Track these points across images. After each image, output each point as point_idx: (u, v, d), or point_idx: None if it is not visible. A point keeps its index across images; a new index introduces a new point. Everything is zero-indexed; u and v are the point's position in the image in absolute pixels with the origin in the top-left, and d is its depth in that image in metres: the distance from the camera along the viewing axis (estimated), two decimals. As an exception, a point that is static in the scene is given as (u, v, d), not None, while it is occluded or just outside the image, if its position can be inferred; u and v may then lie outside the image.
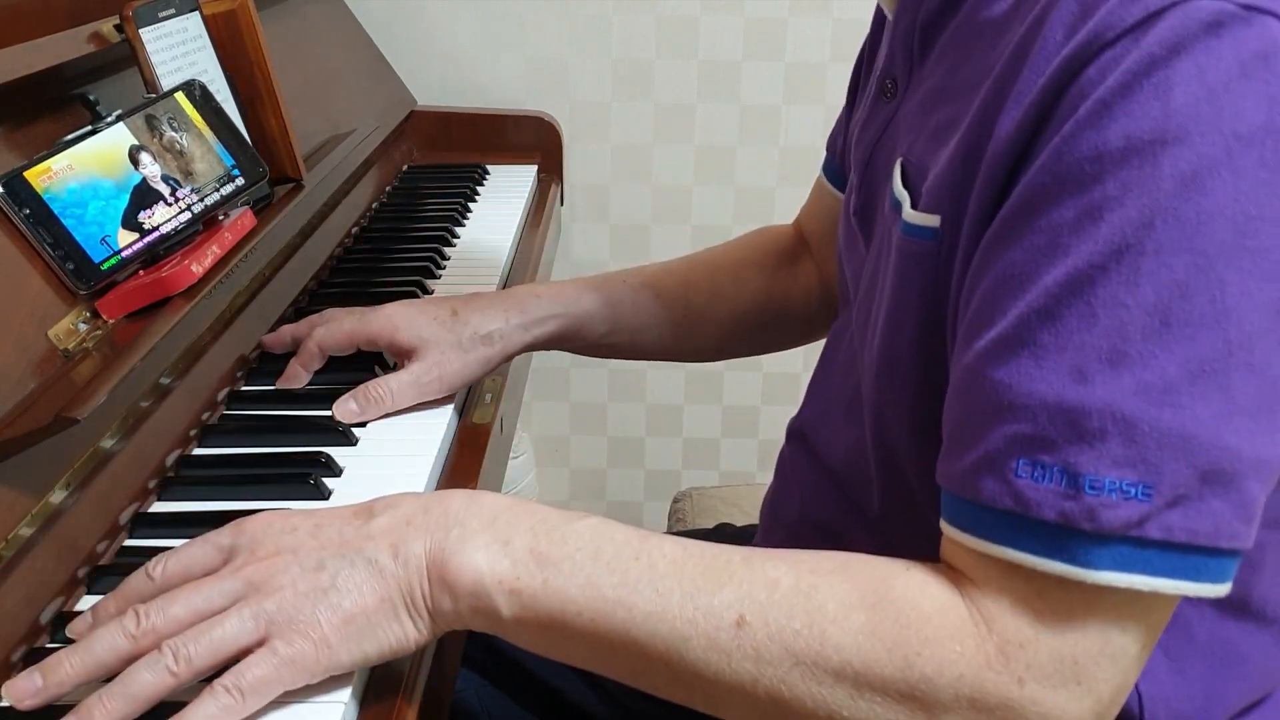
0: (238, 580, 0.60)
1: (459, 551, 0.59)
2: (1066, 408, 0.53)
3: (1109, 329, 0.53)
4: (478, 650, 0.96)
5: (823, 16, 1.77)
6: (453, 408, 0.92)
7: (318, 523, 0.62)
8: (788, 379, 1.97)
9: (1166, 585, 0.53)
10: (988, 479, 0.55)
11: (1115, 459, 0.52)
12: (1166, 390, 0.52)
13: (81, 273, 0.78)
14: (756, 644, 0.56)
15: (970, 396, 0.57)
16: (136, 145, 0.87)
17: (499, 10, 1.77)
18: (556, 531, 0.60)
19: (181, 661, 0.56)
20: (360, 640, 0.59)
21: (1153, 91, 0.52)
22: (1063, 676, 0.54)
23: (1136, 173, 0.52)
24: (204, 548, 0.63)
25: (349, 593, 0.59)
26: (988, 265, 0.58)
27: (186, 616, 0.58)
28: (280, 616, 0.58)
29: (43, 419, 0.67)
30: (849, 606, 0.57)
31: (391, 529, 0.61)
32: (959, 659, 0.55)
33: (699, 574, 0.58)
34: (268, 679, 0.57)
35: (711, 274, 1.04)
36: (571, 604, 0.59)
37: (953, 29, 0.68)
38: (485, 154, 1.66)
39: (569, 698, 0.96)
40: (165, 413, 0.83)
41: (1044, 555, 0.54)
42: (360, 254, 1.26)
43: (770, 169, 1.85)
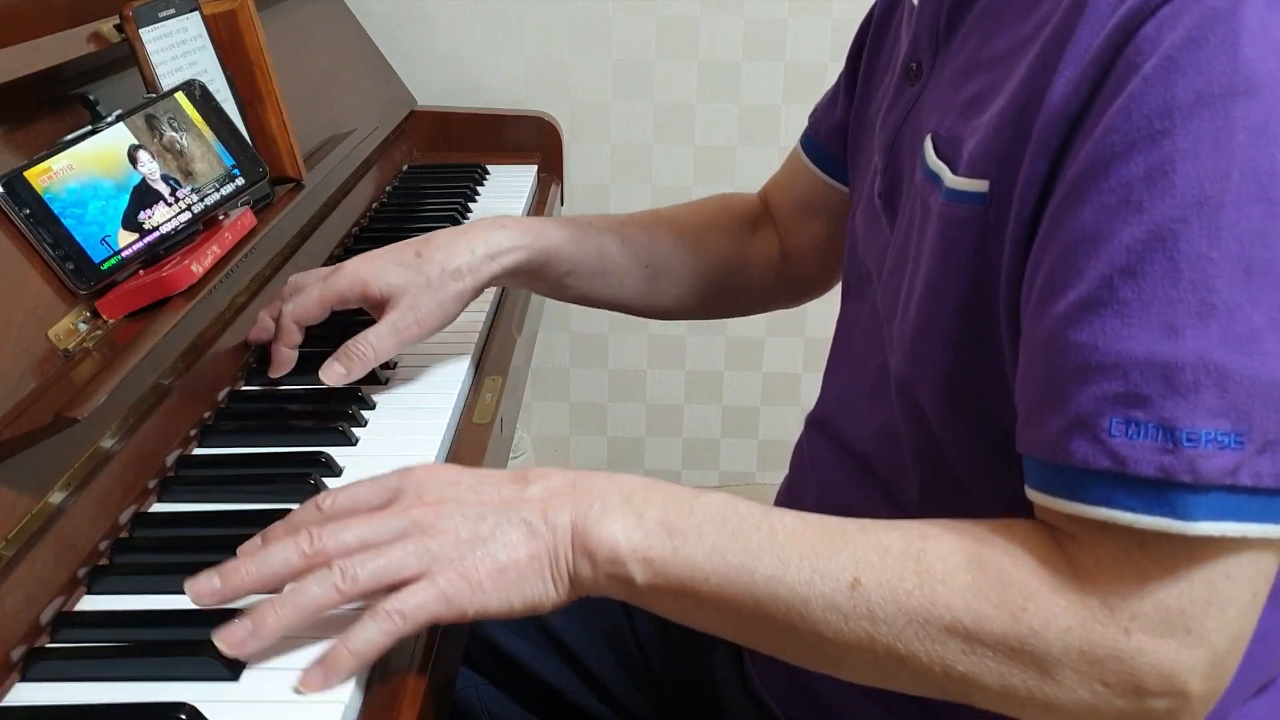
0: (405, 519, 0.64)
1: (599, 523, 0.64)
2: (1159, 363, 0.53)
3: (1194, 282, 0.53)
4: (478, 649, 0.96)
5: (823, 16, 1.77)
6: (453, 407, 0.92)
7: (478, 480, 0.67)
8: (788, 379, 1.97)
9: (1257, 530, 0.54)
10: (1080, 440, 0.56)
11: (1211, 410, 0.53)
12: (1254, 338, 0.53)
13: (81, 273, 0.78)
14: (871, 604, 0.59)
15: (1052, 361, 0.57)
16: (136, 145, 0.87)
17: (499, 10, 1.77)
18: (685, 505, 0.64)
19: (349, 580, 0.61)
20: (508, 590, 0.63)
21: (1219, 46, 0.53)
22: (1170, 626, 0.55)
23: (1209, 125, 0.53)
24: (372, 487, 0.67)
25: (505, 546, 0.63)
26: (1057, 228, 0.58)
27: (355, 544, 0.63)
28: (442, 556, 0.62)
29: (43, 419, 0.67)
30: (956, 567, 0.59)
31: (544, 497, 0.65)
32: (1064, 612, 0.56)
33: (816, 541, 0.61)
34: (426, 607, 0.61)
35: (677, 230, 1.05)
36: (699, 570, 0.62)
37: (977, 11, 0.69)
38: (485, 154, 1.66)
39: (569, 697, 0.96)
40: (165, 413, 0.83)
41: (1143, 512, 0.54)
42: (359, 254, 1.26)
43: (770, 169, 1.83)
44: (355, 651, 0.61)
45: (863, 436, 0.80)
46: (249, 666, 0.63)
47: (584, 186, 1.86)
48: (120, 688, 0.62)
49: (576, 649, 0.97)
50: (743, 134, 1.84)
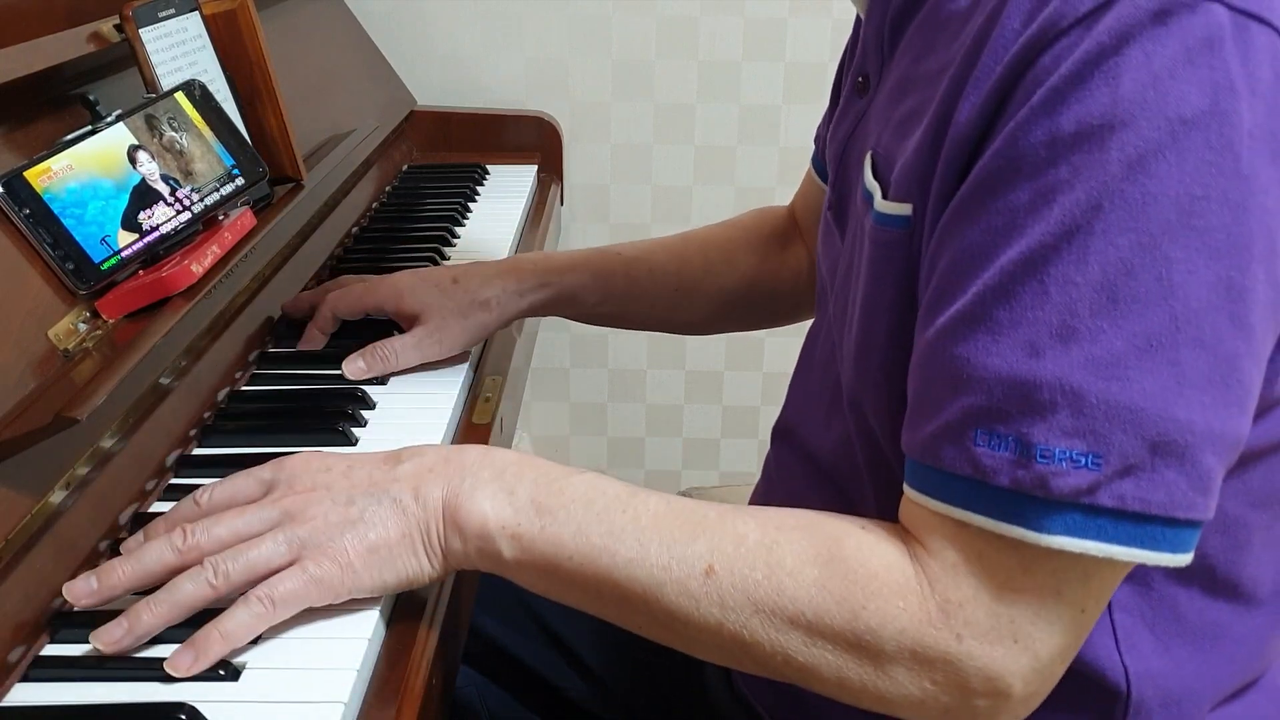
0: (275, 509, 0.66)
1: (470, 498, 0.66)
2: (1019, 381, 0.56)
3: (1060, 306, 0.55)
4: (478, 647, 0.96)
5: (823, 16, 1.77)
6: (453, 407, 0.92)
7: (350, 465, 0.69)
8: (787, 379, 1.97)
9: (1121, 552, 0.56)
10: (948, 447, 0.58)
11: (1065, 429, 0.55)
12: (1114, 364, 0.54)
13: (81, 273, 0.78)
14: (722, 591, 0.62)
15: (931, 370, 0.60)
16: (136, 145, 0.87)
17: (499, 10, 1.77)
18: (556, 484, 0.66)
19: (220, 576, 0.64)
20: (381, 568, 0.66)
21: (1102, 79, 0.54)
22: (999, 634, 0.57)
23: (1086, 157, 0.55)
24: (247, 480, 0.70)
25: (374, 526, 0.66)
26: (947, 244, 0.60)
27: (228, 537, 0.65)
28: (311, 542, 0.65)
29: (43, 419, 0.67)
30: (804, 561, 0.61)
31: (415, 474, 0.67)
32: (901, 614, 0.59)
33: (677, 526, 0.64)
34: (296, 592, 0.64)
35: (705, 252, 1.08)
36: (564, 549, 0.64)
37: (918, 21, 0.70)
38: (485, 154, 1.66)
39: (569, 695, 0.96)
40: (165, 413, 0.83)
41: (999, 519, 0.57)
42: (360, 254, 1.26)
43: (770, 169, 1.85)
44: (225, 633, 0.62)
45: (823, 447, 0.80)
46: (248, 666, 0.63)
47: (584, 186, 1.85)
48: (120, 688, 0.62)
49: (575, 646, 0.97)
50: (743, 134, 1.84)
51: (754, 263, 1.07)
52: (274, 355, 1.00)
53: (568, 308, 1.04)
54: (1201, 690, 0.68)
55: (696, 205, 1.88)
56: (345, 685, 0.61)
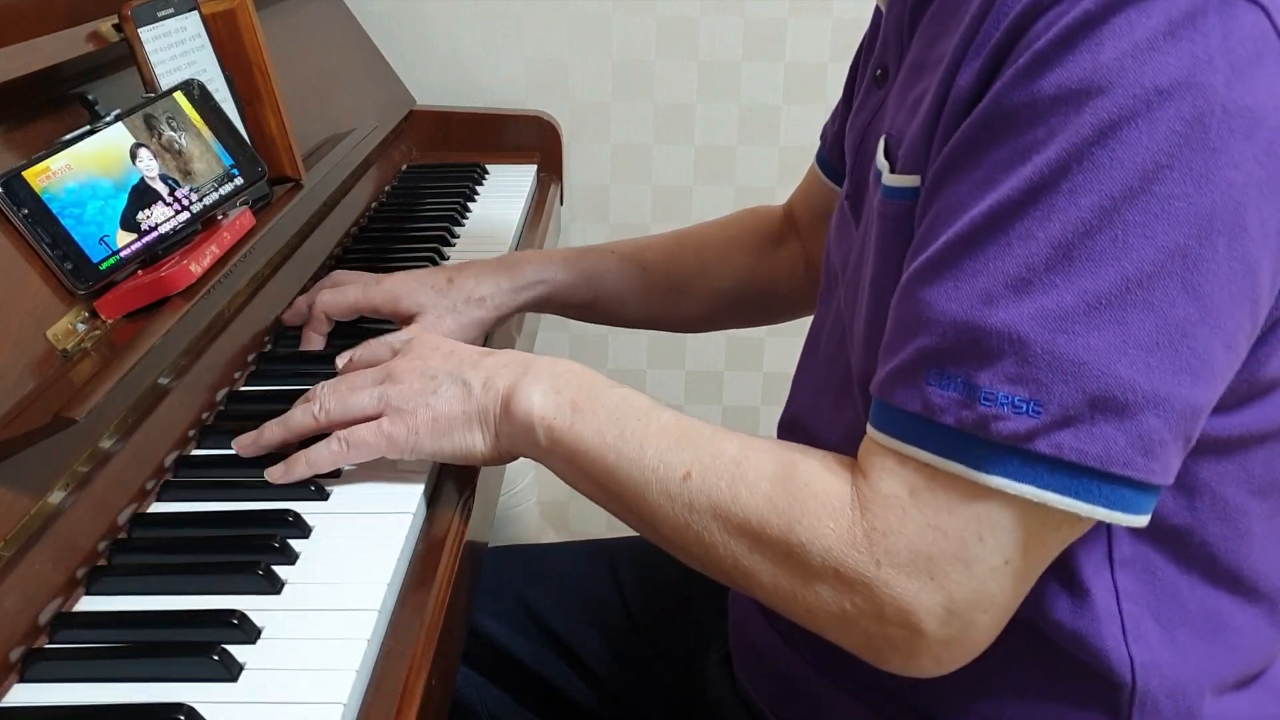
0: (383, 371, 0.80)
1: (524, 390, 0.75)
2: (971, 326, 0.58)
3: (1018, 259, 0.57)
4: (477, 647, 0.96)
5: (823, 16, 1.77)
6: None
7: (453, 348, 0.81)
8: (788, 379, 1.96)
9: (1055, 500, 0.58)
10: (902, 385, 0.61)
11: (1009, 376, 0.57)
12: (1063, 318, 0.56)
13: (80, 272, 0.78)
14: (692, 495, 0.68)
15: (900, 311, 0.63)
16: (135, 145, 0.86)
17: (499, 10, 1.77)
18: (596, 390, 0.75)
19: (323, 412, 0.79)
20: (439, 438, 0.77)
21: (1085, 46, 0.56)
22: (916, 568, 0.60)
23: (1061, 119, 0.57)
24: (381, 346, 0.84)
25: (443, 400, 0.77)
26: (934, 197, 0.63)
27: (344, 389, 0.80)
28: (395, 402, 0.78)
29: (41, 419, 0.67)
30: (763, 476, 0.66)
31: (493, 366, 0.78)
32: (829, 534, 0.63)
33: (676, 437, 0.70)
34: (368, 441, 0.77)
35: (699, 251, 1.09)
36: (582, 444, 0.73)
37: (933, 9, 0.71)
38: (485, 154, 1.66)
39: (568, 695, 0.96)
40: (164, 413, 0.83)
41: (940, 455, 0.60)
42: (359, 253, 1.26)
43: (770, 169, 1.85)
44: (310, 461, 0.78)
45: (833, 436, 0.80)
46: (248, 667, 0.63)
47: (584, 186, 1.85)
48: (119, 688, 0.62)
49: (575, 646, 0.97)
50: (743, 134, 1.84)
51: (748, 262, 1.08)
52: (273, 355, 1.00)
53: (562, 304, 1.05)
54: (1204, 680, 0.68)
55: (696, 205, 1.88)
56: (345, 685, 0.61)
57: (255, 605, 0.67)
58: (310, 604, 0.68)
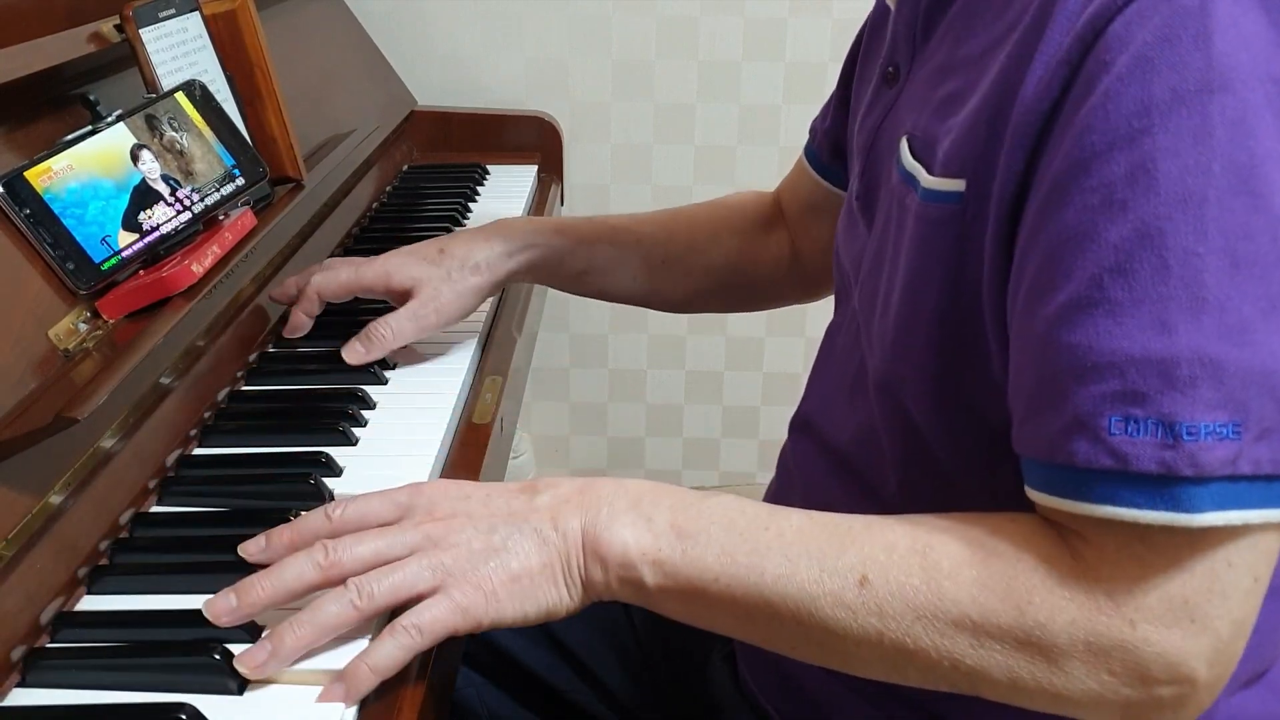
0: (418, 534, 0.65)
1: (609, 528, 0.65)
2: (1155, 359, 0.54)
3: (1184, 277, 0.54)
4: (478, 649, 0.96)
5: (823, 16, 1.77)
6: (453, 407, 0.92)
7: (488, 494, 0.68)
8: (788, 379, 1.97)
9: (1259, 516, 0.55)
10: (1080, 441, 0.56)
11: (1208, 402, 0.54)
12: (1245, 329, 0.54)
13: (81, 272, 0.78)
14: (879, 600, 0.60)
15: (1047, 362, 0.58)
16: (137, 145, 0.87)
17: (499, 10, 1.77)
18: (693, 508, 0.65)
19: (365, 598, 0.63)
20: (523, 599, 0.65)
21: (1192, 42, 0.54)
22: (1175, 616, 0.55)
23: (1187, 121, 0.54)
24: (383, 501, 0.68)
25: (517, 555, 0.65)
26: (1041, 230, 0.59)
27: (370, 558, 0.64)
28: (456, 569, 0.64)
29: (43, 419, 0.67)
30: (961, 562, 0.59)
31: (553, 506, 0.66)
32: (1069, 604, 0.57)
33: (823, 539, 0.62)
34: (444, 620, 0.63)
35: (690, 228, 1.09)
36: (709, 571, 0.63)
37: (953, 12, 0.70)
38: (485, 154, 1.66)
39: (569, 697, 0.96)
40: (165, 413, 0.83)
41: (1147, 507, 0.55)
42: (360, 254, 1.26)
43: (770, 169, 1.85)
44: (375, 668, 0.61)
45: (844, 436, 0.80)
46: (249, 666, 0.63)
47: (584, 186, 1.85)
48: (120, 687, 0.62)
49: (576, 648, 0.97)
50: (743, 134, 1.84)
51: (737, 244, 1.08)
52: (274, 355, 1.00)
53: (554, 271, 1.04)
54: None
55: (696, 205, 1.88)
56: (346, 685, 0.61)
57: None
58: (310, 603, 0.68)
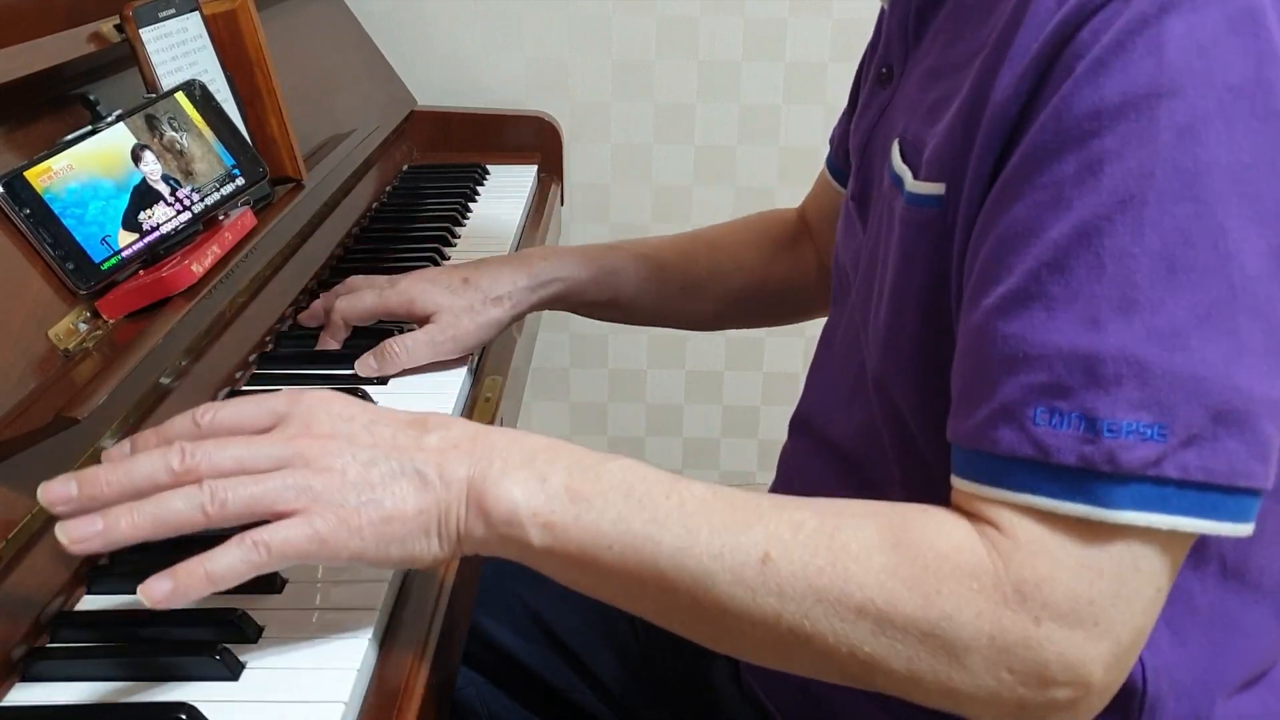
0: (289, 448, 0.61)
1: (498, 483, 0.61)
2: (1081, 354, 0.55)
3: (1117, 277, 0.54)
4: (477, 648, 0.96)
5: (823, 16, 1.77)
6: (453, 407, 0.93)
7: (373, 419, 0.64)
8: (788, 379, 1.97)
9: (1186, 523, 0.55)
10: (1005, 429, 0.56)
11: (1131, 402, 0.54)
12: (1176, 334, 0.54)
13: (82, 272, 0.78)
14: (781, 580, 0.58)
15: (981, 352, 0.59)
16: (137, 145, 0.87)
17: (499, 10, 1.77)
18: (591, 470, 0.62)
19: (217, 504, 0.58)
20: (388, 542, 0.61)
21: (1145, 49, 0.54)
22: (1079, 616, 0.55)
23: (1134, 126, 0.54)
24: (257, 407, 0.64)
25: (393, 495, 0.61)
26: (991, 224, 0.60)
27: (230, 466, 0.60)
28: (324, 495, 0.60)
29: (43, 419, 0.67)
30: (871, 547, 0.58)
31: (441, 448, 0.63)
32: (976, 596, 0.56)
33: (727, 513, 0.60)
34: (297, 545, 0.59)
35: (712, 252, 1.09)
36: (603, 538, 0.60)
37: (947, 10, 0.70)
38: (485, 154, 1.66)
39: (570, 697, 0.96)
40: (166, 413, 0.83)
41: (1065, 498, 0.55)
42: (360, 254, 1.26)
43: (770, 169, 1.85)
44: (211, 574, 0.57)
45: (845, 434, 0.80)
46: (248, 666, 0.63)
47: (584, 186, 1.86)
48: (121, 687, 0.62)
49: (576, 647, 0.97)
50: (743, 134, 1.84)
51: (761, 264, 1.08)
52: (274, 355, 1.00)
53: (577, 302, 1.05)
54: (1212, 681, 0.68)
55: (696, 205, 1.88)
56: (345, 685, 0.62)
57: (256, 604, 0.67)
58: (311, 603, 0.69)
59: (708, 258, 1.08)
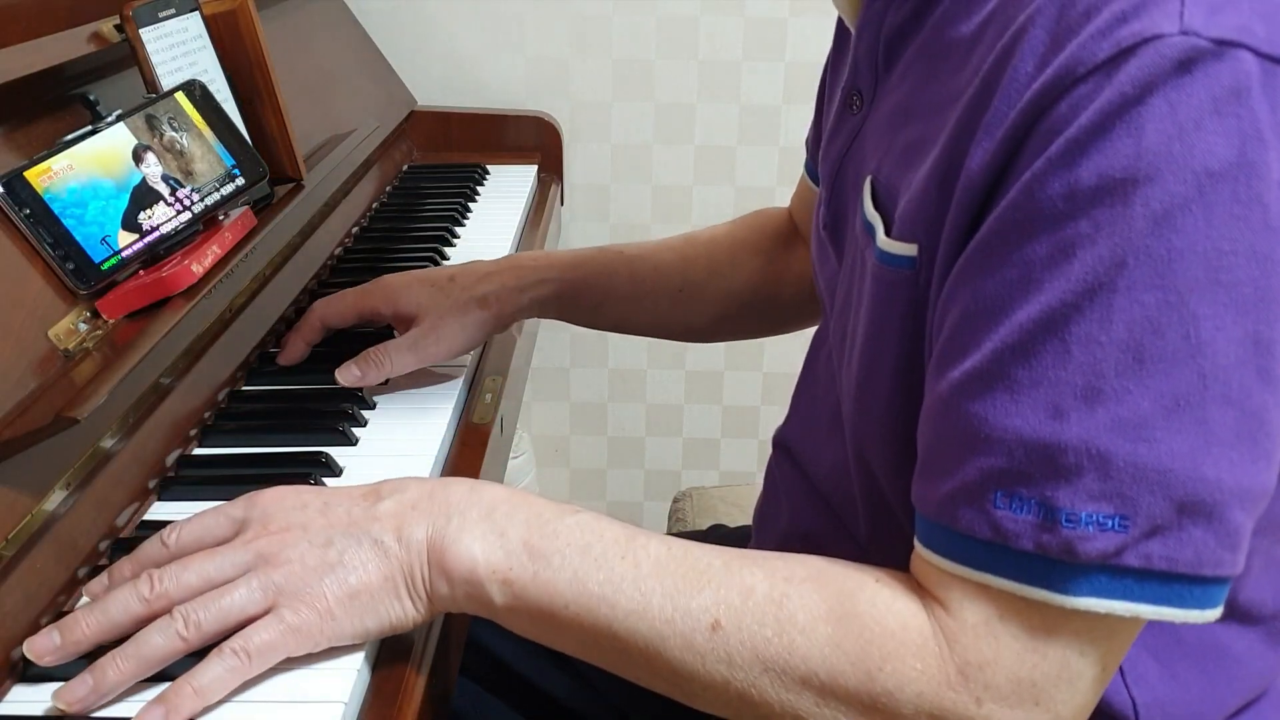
0: (249, 552, 0.62)
1: (457, 540, 0.62)
2: (1042, 444, 0.54)
3: (1083, 366, 0.53)
4: (475, 659, 0.96)
5: (822, 17, 1.77)
6: (453, 407, 0.92)
7: (326, 501, 0.65)
8: (788, 379, 1.96)
9: (1148, 611, 0.55)
10: (965, 509, 0.56)
11: (1091, 493, 0.53)
12: (1141, 425, 0.53)
13: (81, 273, 0.78)
14: (729, 648, 0.59)
15: (945, 425, 0.58)
16: (137, 145, 0.87)
17: (499, 10, 1.77)
18: (549, 526, 0.63)
19: (191, 627, 0.60)
20: (362, 615, 0.62)
21: (1125, 130, 0.52)
22: (1019, 698, 0.56)
23: (1108, 211, 0.53)
24: (217, 518, 0.66)
25: (355, 569, 0.62)
26: (959, 293, 0.58)
27: (198, 584, 0.62)
28: (288, 587, 0.61)
29: (43, 419, 0.67)
30: (817, 618, 0.58)
31: (397, 513, 0.63)
32: (919, 676, 0.56)
33: (680, 576, 0.61)
34: (274, 643, 0.60)
35: (709, 253, 1.06)
36: (559, 597, 0.61)
37: (917, 45, 0.68)
38: (485, 154, 1.66)
39: (567, 705, 0.96)
40: (165, 413, 0.83)
41: (1022, 581, 0.55)
42: (360, 254, 1.26)
43: (770, 169, 1.85)
44: (199, 689, 0.58)
45: (820, 468, 0.79)
46: (249, 667, 0.63)
47: (584, 186, 1.85)
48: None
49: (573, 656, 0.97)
50: (743, 134, 1.84)
51: (759, 265, 1.06)
52: (274, 355, 1.00)
53: (569, 307, 1.01)
54: (1207, 712, 0.67)
55: (696, 205, 1.88)
56: (345, 685, 0.61)
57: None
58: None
59: (705, 258, 1.05)
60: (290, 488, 0.67)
